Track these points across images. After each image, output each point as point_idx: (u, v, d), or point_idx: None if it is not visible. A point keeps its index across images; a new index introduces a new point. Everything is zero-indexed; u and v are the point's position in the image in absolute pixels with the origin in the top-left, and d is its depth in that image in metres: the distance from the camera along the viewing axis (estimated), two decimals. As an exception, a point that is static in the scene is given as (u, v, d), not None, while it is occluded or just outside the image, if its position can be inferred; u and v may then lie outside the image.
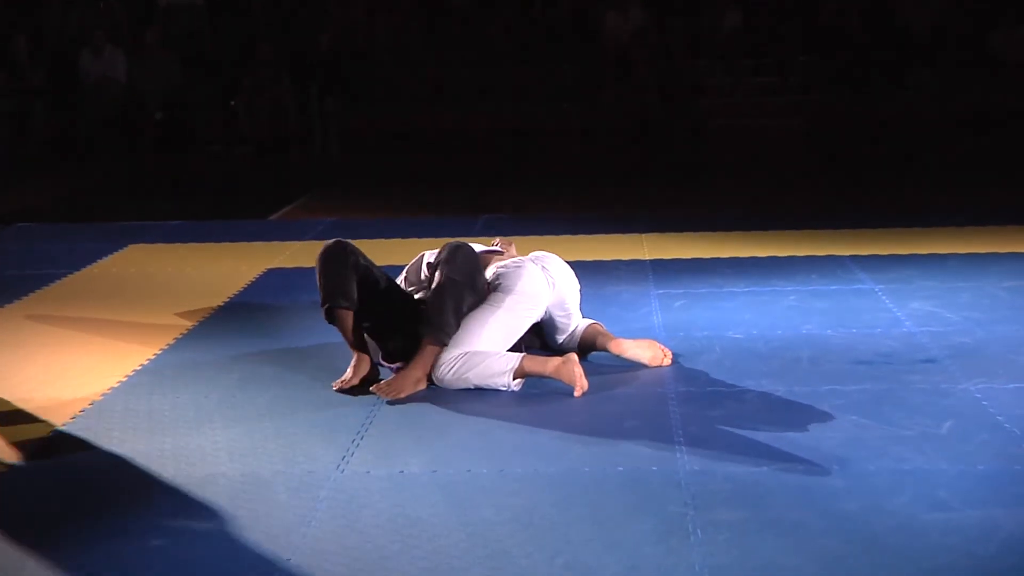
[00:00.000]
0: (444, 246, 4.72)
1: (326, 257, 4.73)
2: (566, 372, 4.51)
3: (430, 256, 4.96)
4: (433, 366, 4.58)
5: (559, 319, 4.91)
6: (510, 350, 4.68)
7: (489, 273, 4.80)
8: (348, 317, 4.71)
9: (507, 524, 3.42)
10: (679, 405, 4.36)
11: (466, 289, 4.61)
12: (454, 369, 4.55)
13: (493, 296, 4.70)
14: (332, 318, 4.73)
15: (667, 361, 4.81)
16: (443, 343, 4.57)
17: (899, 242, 7.00)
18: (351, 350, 4.70)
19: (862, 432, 4.04)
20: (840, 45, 14.40)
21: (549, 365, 4.54)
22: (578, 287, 4.96)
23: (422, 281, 4.93)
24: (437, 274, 4.63)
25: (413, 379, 4.54)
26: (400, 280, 5.08)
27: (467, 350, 4.57)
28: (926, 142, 12.82)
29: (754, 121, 14.10)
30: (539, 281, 4.76)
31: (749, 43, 14.75)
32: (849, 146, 12.95)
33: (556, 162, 12.52)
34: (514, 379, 4.54)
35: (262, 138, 13.68)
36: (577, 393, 4.47)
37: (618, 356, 4.83)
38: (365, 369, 4.67)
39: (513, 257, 4.94)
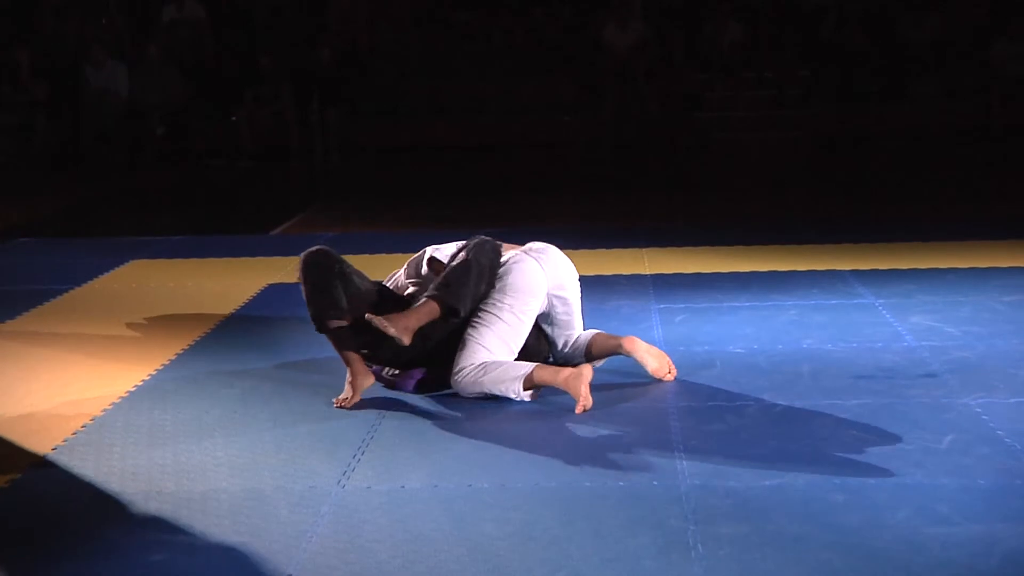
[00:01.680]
0: (471, 238, 4.76)
1: (309, 267, 4.70)
2: (573, 386, 4.51)
3: (433, 250, 5.00)
4: (450, 371, 4.63)
5: (560, 315, 4.89)
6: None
7: None
8: (341, 330, 4.70)
9: (508, 539, 3.42)
10: (680, 419, 4.37)
11: (484, 275, 4.64)
12: (472, 376, 4.58)
13: (495, 297, 4.72)
14: (324, 329, 4.73)
15: (670, 377, 4.81)
16: (449, 308, 4.57)
17: (899, 256, 7.00)
18: (346, 364, 4.70)
19: (863, 446, 4.05)
20: (840, 58, 14.42)
21: (560, 375, 4.55)
22: (576, 277, 4.95)
23: (421, 276, 4.95)
24: (463, 254, 4.67)
25: (402, 325, 4.53)
26: (399, 275, 5.08)
27: (485, 361, 4.60)
28: (926, 155, 12.83)
29: (754, 134, 14.11)
30: (536, 273, 4.77)
31: (749, 56, 14.77)
32: (849, 160, 12.96)
33: (556, 175, 12.53)
34: (525, 388, 4.55)
35: (263, 151, 13.71)
36: (578, 410, 4.47)
37: (628, 354, 4.84)
38: (364, 383, 4.66)
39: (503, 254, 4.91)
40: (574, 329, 4.95)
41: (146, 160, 13.72)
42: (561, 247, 5.00)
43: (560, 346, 4.97)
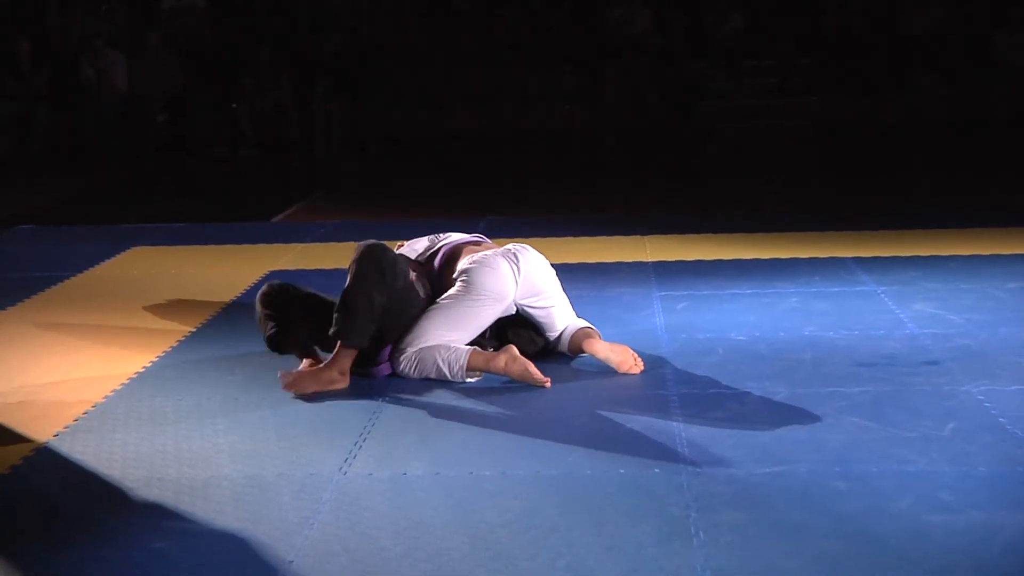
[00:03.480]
0: (360, 245, 4.77)
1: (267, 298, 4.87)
2: (516, 371, 4.59)
3: (408, 247, 5.13)
4: (392, 360, 4.73)
5: (537, 312, 4.88)
6: (483, 342, 4.80)
7: (461, 264, 4.84)
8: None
9: (509, 526, 3.42)
10: (681, 407, 4.36)
11: (373, 290, 4.63)
12: (413, 366, 4.68)
13: (455, 290, 4.77)
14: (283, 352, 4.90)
15: (636, 370, 4.76)
16: (355, 345, 4.64)
17: (902, 244, 7.00)
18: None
19: (864, 434, 4.04)
20: (842, 47, 14.40)
21: (496, 364, 4.62)
22: (554, 281, 4.93)
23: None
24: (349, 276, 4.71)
25: (327, 379, 4.63)
26: None
27: (422, 346, 4.67)
28: (928, 144, 12.82)
29: (756, 123, 14.11)
30: (503, 276, 4.77)
31: (751, 45, 14.75)
32: (851, 148, 12.95)
33: (558, 164, 12.52)
34: (467, 372, 4.64)
35: (263, 140, 13.71)
36: (545, 384, 4.56)
37: (592, 356, 4.83)
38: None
39: (480, 251, 4.92)
40: (557, 330, 4.93)
41: (147, 148, 13.71)
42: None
43: (549, 339, 4.97)
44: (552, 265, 5.04)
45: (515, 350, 4.65)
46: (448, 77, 14.77)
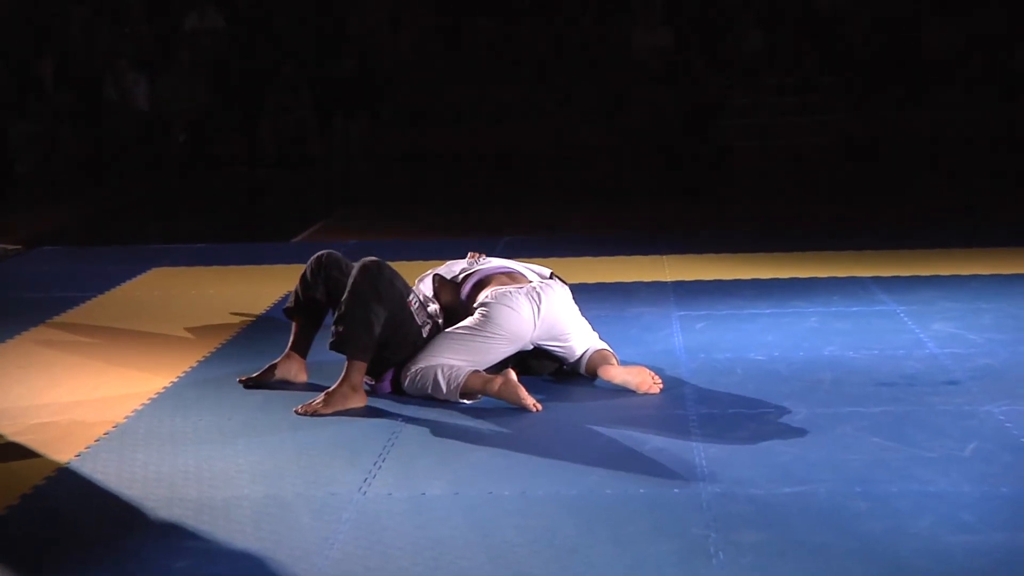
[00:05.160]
0: (361, 262, 4.76)
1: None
2: (509, 395, 4.57)
3: (444, 269, 5.13)
4: (400, 376, 4.76)
5: (555, 348, 4.89)
6: (496, 369, 4.77)
7: (484, 295, 4.84)
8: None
9: (529, 546, 3.42)
10: (701, 427, 4.36)
11: (371, 303, 4.64)
12: (416, 382, 4.70)
13: (472, 320, 4.77)
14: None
15: (655, 389, 4.76)
16: (355, 357, 4.65)
17: (921, 263, 6.98)
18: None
19: (885, 454, 4.03)
20: (863, 65, 14.39)
21: (492, 387, 4.61)
22: (575, 319, 4.91)
23: (431, 294, 5.07)
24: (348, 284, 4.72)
25: (339, 396, 4.64)
26: (427, 281, 5.15)
27: (424, 365, 4.68)
28: (948, 161, 12.79)
29: (776, 141, 14.09)
30: (522, 319, 4.75)
31: (772, 63, 14.76)
32: (871, 166, 12.93)
33: (577, 182, 12.53)
34: (462, 395, 4.63)
35: (284, 158, 13.77)
36: (534, 409, 4.53)
37: (608, 382, 4.81)
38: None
39: (507, 286, 4.90)
40: (576, 355, 4.92)
41: (168, 168, 13.79)
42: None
43: (566, 365, 4.97)
44: (571, 285, 5.05)
45: (512, 374, 4.63)
46: (468, 94, 14.80)
